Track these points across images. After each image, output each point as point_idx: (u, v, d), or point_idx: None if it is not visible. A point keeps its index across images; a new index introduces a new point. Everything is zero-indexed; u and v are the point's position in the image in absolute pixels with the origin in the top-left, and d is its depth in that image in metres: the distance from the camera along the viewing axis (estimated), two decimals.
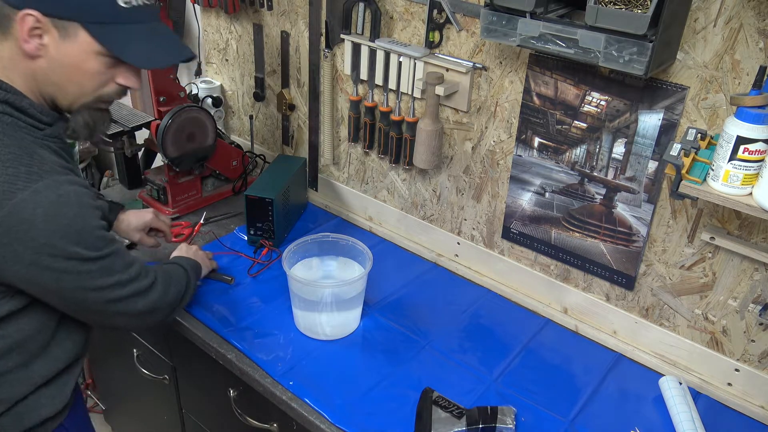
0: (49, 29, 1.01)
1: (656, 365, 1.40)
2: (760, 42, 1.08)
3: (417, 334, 1.46)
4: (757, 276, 1.23)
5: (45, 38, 1.02)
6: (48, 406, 1.14)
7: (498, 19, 1.20)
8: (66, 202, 1.00)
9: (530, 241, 1.53)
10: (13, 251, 0.98)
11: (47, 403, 1.14)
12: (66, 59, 1.04)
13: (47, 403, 1.14)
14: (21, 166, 0.99)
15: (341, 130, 1.81)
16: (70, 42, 1.03)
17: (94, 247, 1.05)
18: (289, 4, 1.77)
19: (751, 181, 1.04)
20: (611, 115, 1.30)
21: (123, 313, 1.14)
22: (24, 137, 1.03)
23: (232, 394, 1.46)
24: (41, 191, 0.98)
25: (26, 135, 1.04)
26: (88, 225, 1.04)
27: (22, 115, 1.04)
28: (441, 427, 1.19)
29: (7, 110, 1.03)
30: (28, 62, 1.04)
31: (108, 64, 1.07)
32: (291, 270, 1.39)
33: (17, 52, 1.03)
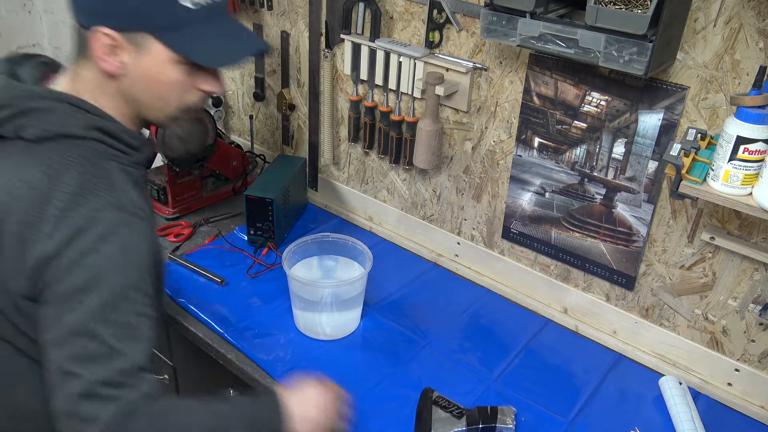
0: (123, 45, 0.97)
1: (656, 365, 1.40)
2: (760, 42, 1.08)
3: (417, 334, 1.46)
4: (757, 276, 1.23)
5: (122, 55, 0.97)
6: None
7: (498, 19, 1.20)
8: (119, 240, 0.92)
9: (530, 241, 1.53)
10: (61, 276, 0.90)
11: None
12: (146, 73, 0.99)
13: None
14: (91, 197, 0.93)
15: (341, 130, 1.81)
16: (145, 55, 0.98)
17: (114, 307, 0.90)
18: (289, 4, 1.77)
19: (751, 181, 1.04)
20: (611, 115, 1.30)
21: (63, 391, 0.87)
22: (110, 165, 0.98)
23: (232, 394, 1.45)
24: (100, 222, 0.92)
25: (113, 163, 0.99)
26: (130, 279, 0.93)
27: (113, 140, 1.00)
28: (441, 427, 1.19)
29: (99, 137, 0.99)
30: (112, 82, 1.00)
31: (186, 71, 1.01)
32: (291, 270, 1.39)
33: (99, 73, 1.00)
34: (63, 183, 0.93)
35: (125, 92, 1.02)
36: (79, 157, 0.96)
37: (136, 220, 0.96)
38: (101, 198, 0.94)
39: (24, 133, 0.96)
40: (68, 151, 0.96)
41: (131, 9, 0.95)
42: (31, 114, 0.97)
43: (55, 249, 0.90)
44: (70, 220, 0.91)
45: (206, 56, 1.00)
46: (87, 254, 0.90)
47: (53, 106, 0.98)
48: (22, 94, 0.98)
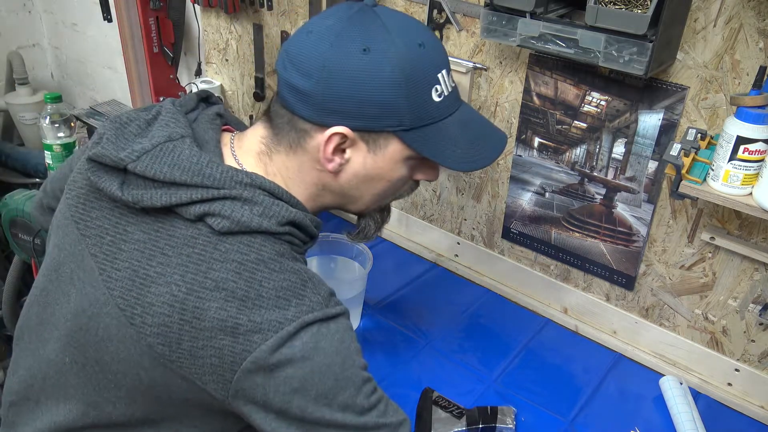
0: (356, 143, 0.86)
1: (656, 365, 1.40)
2: (760, 42, 1.08)
3: (417, 334, 1.46)
4: (757, 276, 1.23)
5: (348, 152, 0.87)
6: None
7: (498, 19, 1.20)
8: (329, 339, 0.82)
9: (530, 241, 1.53)
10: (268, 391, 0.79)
11: None
12: (371, 172, 0.90)
13: None
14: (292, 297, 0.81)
15: None
16: (379, 154, 0.88)
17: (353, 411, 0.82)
18: (289, 4, 1.77)
19: (751, 181, 1.04)
20: (611, 115, 1.30)
21: None
22: (297, 257, 0.87)
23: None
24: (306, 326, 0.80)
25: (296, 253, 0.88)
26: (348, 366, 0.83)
27: (302, 234, 0.89)
28: (441, 427, 1.19)
29: (292, 231, 0.86)
30: (323, 177, 0.90)
31: (413, 165, 0.92)
32: None
33: (310, 166, 0.89)
34: (260, 285, 0.80)
35: (333, 186, 0.92)
36: (272, 252, 0.82)
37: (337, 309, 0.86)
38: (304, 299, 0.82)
39: (212, 222, 0.81)
40: (259, 247, 0.82)
41: (381, 109, 0.83)
42: (225, 202, 0.81)
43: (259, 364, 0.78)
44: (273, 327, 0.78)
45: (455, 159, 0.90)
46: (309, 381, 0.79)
47: (250, 195, 0.82)
48: (216, 174, 0.82)
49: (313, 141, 0.87)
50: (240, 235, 0.81)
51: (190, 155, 0.83)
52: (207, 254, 0.80)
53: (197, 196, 0.81)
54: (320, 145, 0.86)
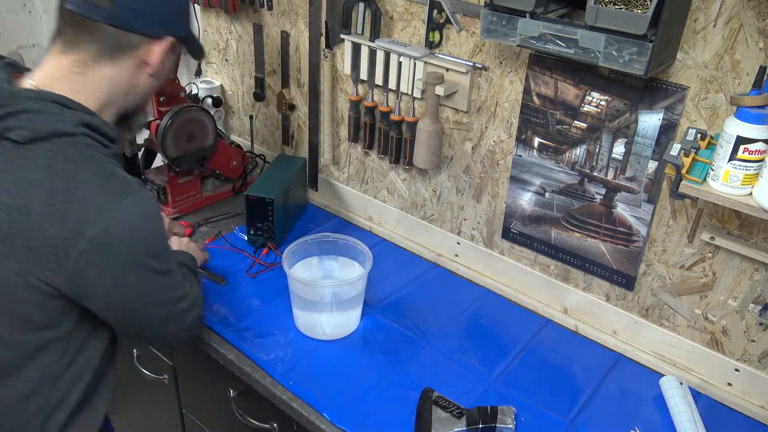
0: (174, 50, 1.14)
1: (656, 365, 1.40)
2: (760, 42, 1.08)
3: (417, 334, 1.46)
4: (757, 276, 1.23)
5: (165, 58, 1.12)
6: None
7: (498, 19, 1.20)
8: (149, 219, 1.03)
9: (530, 241, 1.53)
10: (100, 269, 0.98)
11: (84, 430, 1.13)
12: (165, 70, 1.15)
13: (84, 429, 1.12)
14: (107, 187, 0.99)
15: (341, 130, 1.81)
16: (171, 55, 1.14)
17: (162, 256, 1.07)
18: (289, 4, 1.77)
19: (751, 181, 1.04)
20: (611, 115, 1.30)
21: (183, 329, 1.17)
22: (101, 158, 1.03)
23: (232, 394, 1.46)
24: (128, 208, 0.99)
25: (102, 156, 1.04)
26: (161, 237, 1.07)
27: (95, 134, 1.04)
28: (441, 427, 1.19)
29: (85, 131, 1.02)
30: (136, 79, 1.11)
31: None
32: (291, 270, 1.39)
33: (128, 72, 1.08)
34: (74, 178, 0.96)
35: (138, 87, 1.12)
36: (73, 151, 0.99)
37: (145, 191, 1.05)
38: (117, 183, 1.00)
39: (12, 135, 0.96)
40: (61, 147, 0.98)
41: (185, 20, 1.15)
42: (20, 115, 0.97)
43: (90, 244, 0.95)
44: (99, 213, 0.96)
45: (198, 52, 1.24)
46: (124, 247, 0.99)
47: (43, 106, 0.99)
48: (7, 95, 0.99)
49: (140, 50, 1.08)
50: (42, 141, 0.97)
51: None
52: (17, 163, 0.95)
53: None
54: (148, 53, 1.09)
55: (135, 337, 1.18)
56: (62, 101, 1.01)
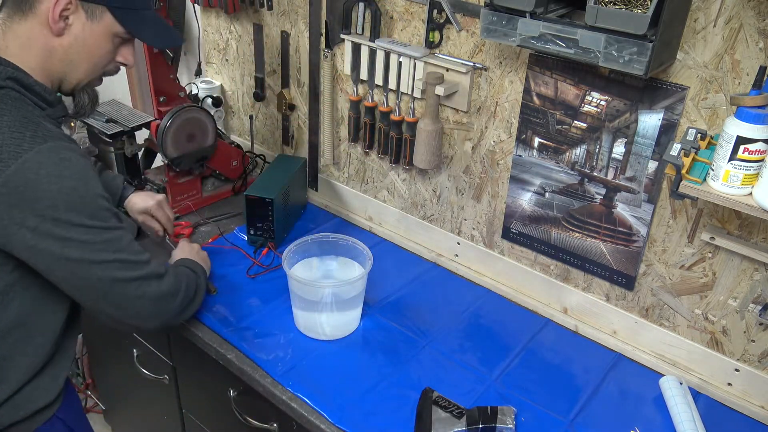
0: (77, 10, 1.09)
1: (656, 365, 1.40)
2: (760, 42, 1.08)
3: (417, 334, 1.46)
4: (757, 276, 1.23)
5: (71, 18, 1.09)
6: (42, 396, 1.15)
7: (498, 19, 1.20)
8: (69, 166, 1.02)
9: (530, 241, 1.53)
10: (19, 214, 0.99)
11: (41, 394, 1.15)
12: (88, 39, 1.12)
13: (41, 393, 1.14)
14: (26, 131, 1.01)
15: (341, 130, 1.81)
16: (95, 23, 1.12)
17: (97, 217, 1.06)
18: (289, 4, 1.77)
19: (751, 181, 1.04)
20: (611, 115, 1.30)
21: (136, 297, 1.14)
22: (29, 110, 1.06)
23: (232, 394, 1.46)
24: (45, 152, 1.00)
25: (31, 110, 1.06)
26: (90, 192, 1.05)
27: (27, 92, 1.07)
28: (441, 427, 1.19)
29: (14, 86, 1.05)
30: (49, 40, 1.09)
31: (117, 43, 1.17)
32: (291, 270, 1.39)
33: (38, 30, 1.08)
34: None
35: (57, 51, 1.11)
36: (3, 103, 1.03)
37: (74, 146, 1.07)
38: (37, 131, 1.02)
39: None
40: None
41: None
42: None
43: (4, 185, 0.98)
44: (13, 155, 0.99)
45: (147, 36, 1.19)
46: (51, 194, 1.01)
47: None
48: None
49: (42, 5, 1.07)
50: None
51: None
52: None
53: None
54: (49, 9, 1.06)
55: (91, 304, 1.13)
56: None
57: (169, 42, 1.27)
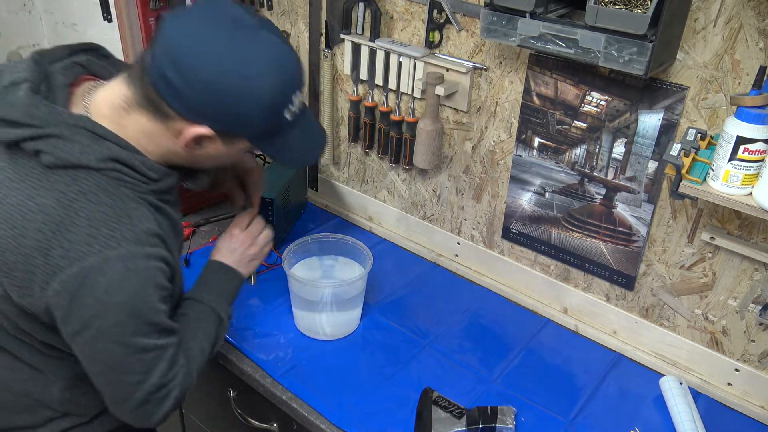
0: (214, 140, 0.98)
1: (656, 365, 1.40)
2: (760, 42, 1.08)
3: (417, 334, 1.46)
4: (757, 276, 1.23)
5: (205, 143, 0.99)
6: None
7: (498, 19, 1.20)
8: (131, 277, 0.94)
9: (530, 241, 1.53)
10: (70, 312, 0.93)
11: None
12: (221, 156, 1.04)
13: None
14: (104, 228, 0.92)
15: (341, 130, 1.82)
16: (230, 147, 1.02)
17: (140, 332, 0.96)
18: (289, 4, 1.77)
19: (751, 181, 1.04)
20: (611, 115, 1.30)
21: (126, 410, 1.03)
22: (126, 193, 0.97)
23: (232, 394, 1.46)
24: (112, 260, 0.92)
25: (129, 191, 0.97)
26: (146, 306, 0.96)
27: (130, 171, 0.97)
28: (441, 427, 1.19)
29: (114, 167, 0.96)
30: (176, 146, 0.99)
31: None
32: (291, 270, 1.39)
33: (167, 137, 0.99)
34: (75, 213, 0.92)
35: (181, 154, 1.02)
36: (93, 186, 0.94)
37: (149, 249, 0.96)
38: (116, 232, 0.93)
39: (42, 158, 0.93)
40: (82, 180, 0.94)
41: (239, 117, 0.95)
42: (49, 140, 0.93)
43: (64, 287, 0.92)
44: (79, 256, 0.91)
45: (289, 159, 1.09)
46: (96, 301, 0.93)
47: (73, 133, 0.94)
48: (42, 115, 0.93)
49: (176, 125, 0.97)
50: (67, 169, 0.93)
51: (24, 97, 0.93)
52: (38, 183, 0.93)
53: (27, 134, 0.92)
54: (181, 133, 0.97)
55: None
56: (96, 130, 0.95)
57: (307, 162, 1.16)
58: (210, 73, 0.90)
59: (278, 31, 1.00)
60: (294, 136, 1.04)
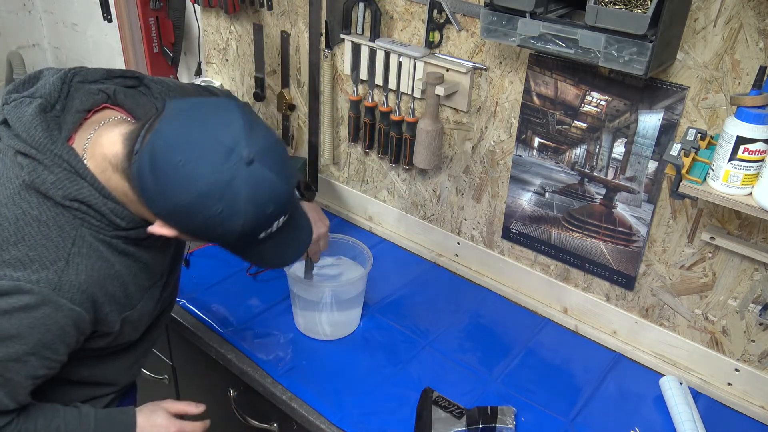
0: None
1: (656, 365, 1.40)
2: (760, 42, 1.08)
3: (417, 334, 1.46)
4: (757, 276, 1.23)
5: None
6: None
7: (498, 19, 1.20)
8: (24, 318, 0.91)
9: (530, 241, 1.53)
10: None
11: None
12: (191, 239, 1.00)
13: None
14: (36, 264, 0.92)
15: (341, 130, 1.82)
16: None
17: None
18: (289, 4, 1.77)
19: (751, 181, 1.04)
20: (611, 115, 1.30)
21: None
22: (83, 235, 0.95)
23: (232, 394, 1.46)
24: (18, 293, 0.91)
25: (90, 232, 0.96)
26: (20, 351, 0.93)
27: (96, 214, 0.96)
28: (441, 427, 1.19)
29: (80, 207, 0.95)
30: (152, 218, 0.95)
31: None
32: (291, 270, 1.39)
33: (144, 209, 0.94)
34: (22, 238, 0.92)
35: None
36: (51, 219, 0.93)
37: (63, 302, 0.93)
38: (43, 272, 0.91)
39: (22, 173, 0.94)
40: (45, 210, 0.93)
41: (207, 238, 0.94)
42: (32, 161, 0.93)
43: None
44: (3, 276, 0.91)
45: (260, 264, 1.07)
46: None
47: (53, 164, 0.93)
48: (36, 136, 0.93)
49: (148, 212, 0.94)
50: (39, 193, 0.93)
51: (30, 113, 0.95)
52: (12, 194, 0.94)
53: (20, 148, 0.94)
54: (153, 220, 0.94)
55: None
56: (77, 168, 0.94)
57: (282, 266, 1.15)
58: (185, 199, 0.87)
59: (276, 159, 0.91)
60: (268, 246, 0.99)
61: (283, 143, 0.95)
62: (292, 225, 1.02)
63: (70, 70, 1.02)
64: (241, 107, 0.93)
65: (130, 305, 1.05)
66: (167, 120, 0.89)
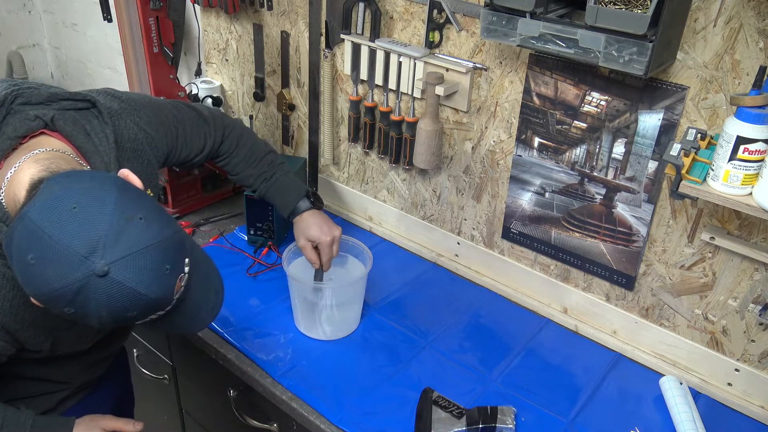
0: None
1: (656, 365, 1.40)
2: (760, 42, 1.08)
3: (417, 334, 1.46)
4: (757, 276, 1.23)
5: None
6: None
7: (498, 19, 1.20)
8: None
9: (530, 241, 1.53)
10: None
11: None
12: None
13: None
14: None
15: (341, 130, 1.81)
16: None
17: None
18: (289, 4, 1.77)
19: (751, 181, 1.04)
20: (611, 115, 1.30)
21: None
22: None
23: (232, 394, 1.46)
24: None
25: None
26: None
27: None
28: (441, 427, 1.19)
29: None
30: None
31: None
32: (291, 270, 1.39)
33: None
34: None
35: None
36: None
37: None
38: None
39: None
40: None
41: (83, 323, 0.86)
42: None
43: None
44: None
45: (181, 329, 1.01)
46: None
47: None
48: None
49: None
50: None
51: None
52: None
53: None
54: None
55: None
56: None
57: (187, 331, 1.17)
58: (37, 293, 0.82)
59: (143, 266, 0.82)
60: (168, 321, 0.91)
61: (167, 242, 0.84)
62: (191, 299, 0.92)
63: (12, 91, 0.98)
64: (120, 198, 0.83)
65: (61, 327, 1.03)
66: (35, 205, 0.81)
